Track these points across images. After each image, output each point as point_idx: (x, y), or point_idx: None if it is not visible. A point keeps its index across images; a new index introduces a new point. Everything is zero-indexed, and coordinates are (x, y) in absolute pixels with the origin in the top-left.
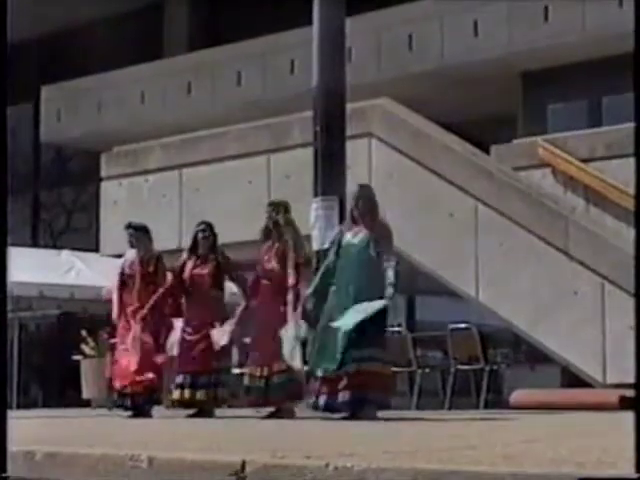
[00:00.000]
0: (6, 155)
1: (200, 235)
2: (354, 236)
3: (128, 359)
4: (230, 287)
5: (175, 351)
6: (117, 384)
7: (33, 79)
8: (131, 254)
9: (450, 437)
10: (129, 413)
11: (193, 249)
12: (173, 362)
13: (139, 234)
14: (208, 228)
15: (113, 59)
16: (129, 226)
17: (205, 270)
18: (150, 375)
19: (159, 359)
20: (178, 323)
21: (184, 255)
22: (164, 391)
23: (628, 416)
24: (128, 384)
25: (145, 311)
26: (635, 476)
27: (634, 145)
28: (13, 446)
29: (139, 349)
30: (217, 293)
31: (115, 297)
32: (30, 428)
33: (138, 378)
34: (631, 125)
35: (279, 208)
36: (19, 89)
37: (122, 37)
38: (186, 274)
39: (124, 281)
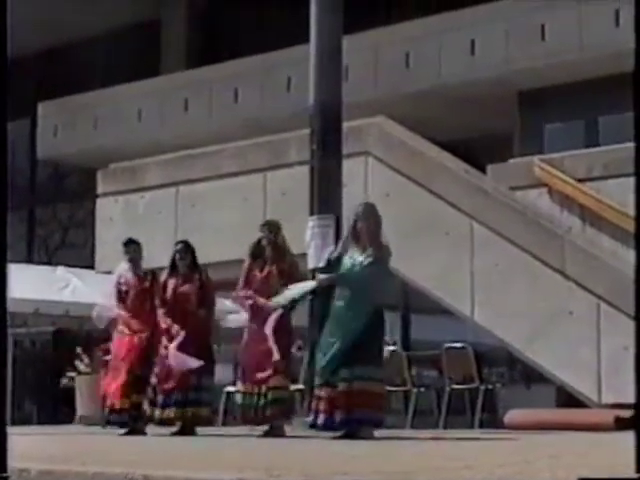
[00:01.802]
0: (6, 172)
1: (177, 256)
2: (356, 253)
3: (121, 377)
4: (225, 304)
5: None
6: (109, 401)
7: (30, 95)
8: (124, 270)
9: (445, 457)
10: (122, 430)
11: (172, 269)
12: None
13: (139, 249)
14: (184, 248)
15: (110, 76)
16: (131, 242)
17: (190, 289)
18: (142, 393)
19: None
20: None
21: (164, 275)
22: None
23: (624, 436)
24: (120, 402)
25: (147, 334)
26: (635, 476)
27: (634, 164)
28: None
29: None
30: (204, 312)
31: (116, 313)
32: (24, 445)
33: (130, 396)
34: (628, 145)
35: (275, 229)
36: (16, 105)
37: (119, 54)
38: (169, 294)
39: (121, 297)
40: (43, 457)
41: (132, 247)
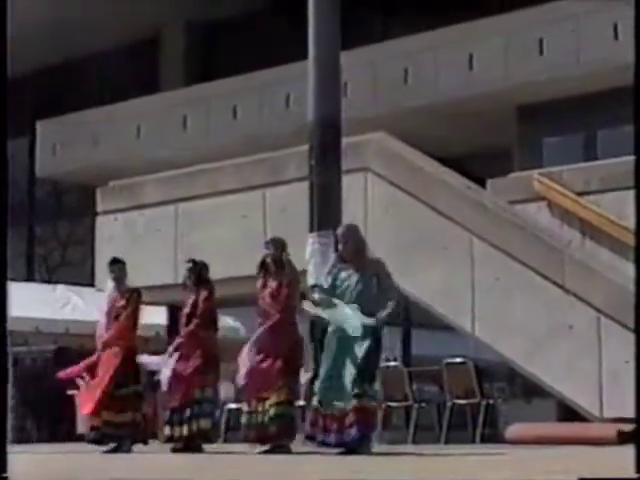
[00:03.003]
0: (7, 190)
1: (186, 275)
2: (347, 277)
3: (95, 394)
4: (226, 321)
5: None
6: (93, 420)
7: (29, 113)
8: (111, 289)
9: (447, 472)
10: (105, 448)
11: (184, 288)
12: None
13: (123, 268)
14: (190, 268)
15: (109, 93)
16: (116, 261)
17: (186, 309)
18: (130, 412)
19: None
20: (171, 360)
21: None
22: (159, 426)
23: (626, 451)
24: (92, 419)
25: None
26: (635, 476)
27: (634, 177)
28: None
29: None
30: (193, 326)
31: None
32: (25, 463)
33: (118, 415)
34: (626, 159)
35: (279, 245)
36: (15, 123)
37: (118, 71)
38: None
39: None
40: (44, 476)
41: (117, 266)
